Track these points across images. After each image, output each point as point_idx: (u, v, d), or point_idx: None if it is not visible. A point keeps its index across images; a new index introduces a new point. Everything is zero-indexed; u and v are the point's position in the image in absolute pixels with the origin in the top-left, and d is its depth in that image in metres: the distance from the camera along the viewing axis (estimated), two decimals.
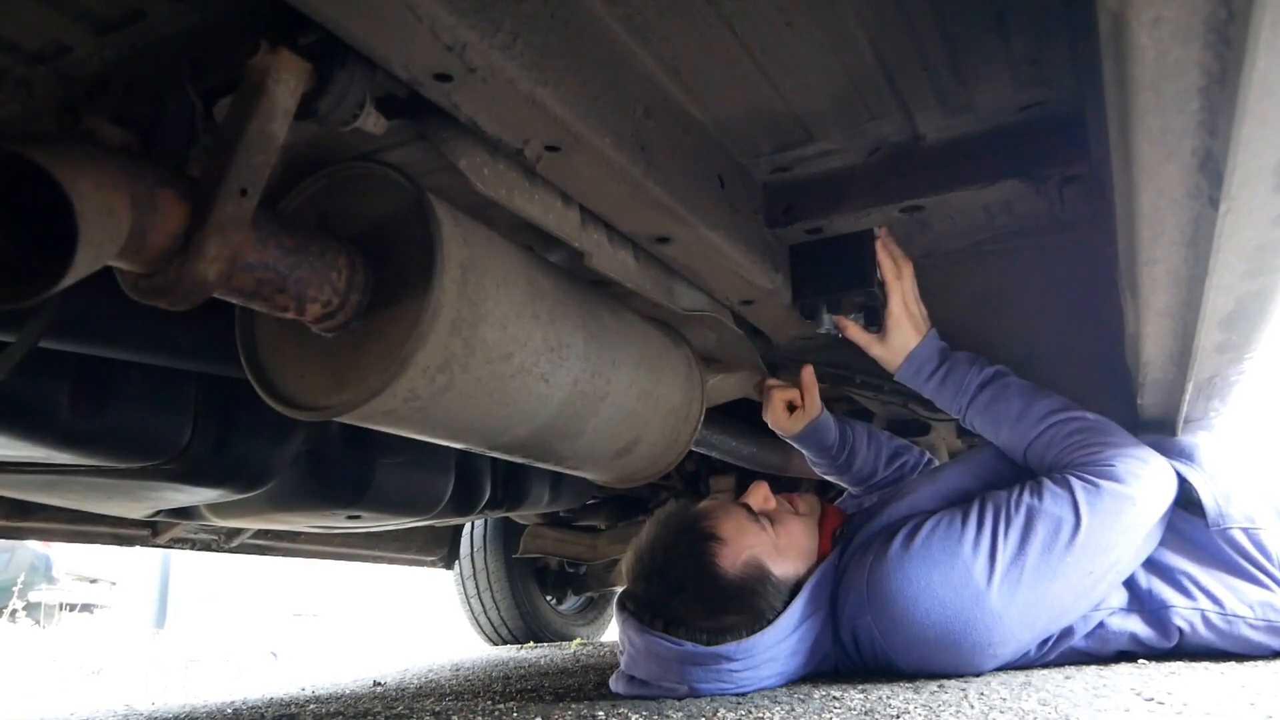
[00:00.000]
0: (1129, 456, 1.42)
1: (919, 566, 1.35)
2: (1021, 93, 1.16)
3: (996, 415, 1.55)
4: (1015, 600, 1.33)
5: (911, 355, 1.59)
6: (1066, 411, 1.51)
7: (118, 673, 3.70)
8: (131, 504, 1.67)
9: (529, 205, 1.04)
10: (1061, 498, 1.37)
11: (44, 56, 0.91)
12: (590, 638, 4.08)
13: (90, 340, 1.15)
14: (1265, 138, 0.71)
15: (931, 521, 1.41)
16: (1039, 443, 1.50)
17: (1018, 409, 1.53)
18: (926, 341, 1.59)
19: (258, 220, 0.84)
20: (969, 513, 1.41)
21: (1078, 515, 1.35)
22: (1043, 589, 1.34)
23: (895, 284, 1.54)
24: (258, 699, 2.16)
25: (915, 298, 1.58)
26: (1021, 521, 1.36)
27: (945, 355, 1.61)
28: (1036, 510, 1.37)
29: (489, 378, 1.03)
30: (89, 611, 9.27)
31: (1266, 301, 1.09)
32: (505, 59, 0.81)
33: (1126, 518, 1.38)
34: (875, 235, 1.50)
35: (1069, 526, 1.35)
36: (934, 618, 1.33)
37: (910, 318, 1.57)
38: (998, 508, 1.40)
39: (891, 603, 1.35)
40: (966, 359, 1.60)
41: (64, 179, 0.67)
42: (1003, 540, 1.35)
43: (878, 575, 1.37)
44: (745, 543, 1.41)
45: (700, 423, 1.48)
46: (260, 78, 0.78)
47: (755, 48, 1.04)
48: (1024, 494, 1.40)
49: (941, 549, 1.36)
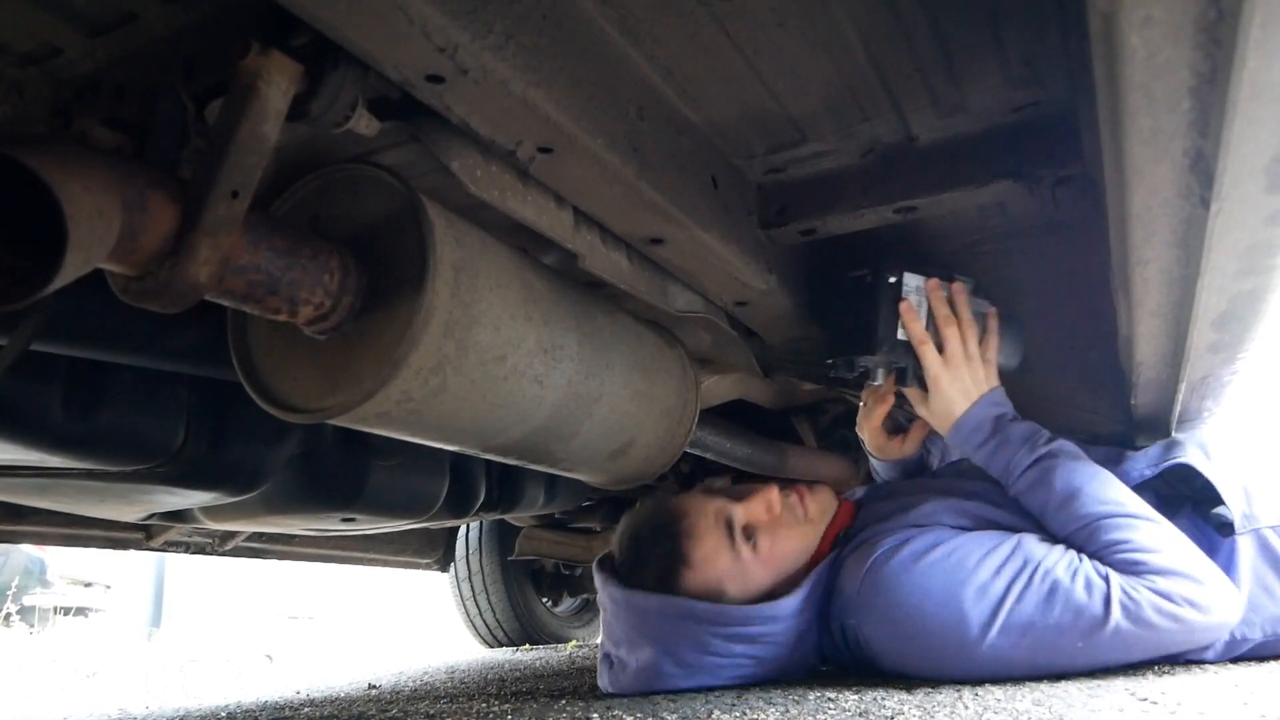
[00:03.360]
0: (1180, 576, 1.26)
1: (913, 591, 1.30)
2: (1015, 93, 1.16)
3: (1041, 501, 1.40)
4: (1006, 660, 1.27)
5: (957, 425, 1.47)
6: (1115, 508, 1.34)
7: (112, 676, 3.69)
8: (125, 507, 1.66)
9: (522, 207, 1.04)
10: (1095, 589, 1.25)
11: (35, 58, 0.91)
12: (586, 640, 4.08)
13: (82, 343, 1.14)
14: (1256, 138, 0.71)
15: (946, 546, 1.34)
16: (1078, 538, 1.35)
17: (1060, 498, 1.37)
18: (974, 410, 1.46)
19: (249, 222, 0.84)
20: (990, 552, 1.31)
21: (1106, 614, 1.23)
22: (1041, 662, 1.28)
23: (923, 347, 1.45)
24: (252, 702, 2.15)
25: (965, 356, 1.45)
26: (1044, 590, 1.26)
27: (998, 427, 1.45)
28: (1059, 589, 1.25)
29: (482, 380, 1.03)
30: (83, 615, 9.25)
31: (1258, 301, 1.10)
32: (497, 60, 0.80)
33: (1165, 638, 1.25)
34: (898, 289, 1.44)
35: (1089, 620, 1.24)
36: (917, 646, 1.32)
37: (955, 381, 1.46)
38: (1024, 563, 1.29)
39: (880, 614, 1.34)
40: (1020, 436, 1.44)
41: (54, 181, 0.67)
42: (1014, 600, 1.26)
43: (872, 583, 1.35)
44: (712, 573, 1.41)
45: (695, 424, 1.48)
46: (252, 79, 0.78)
47: (748, 49, 1.04)
48: (1057, 565, 1.28)
49: (944, 579, 1.29)
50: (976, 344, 1.48)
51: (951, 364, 1.46)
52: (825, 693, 1.29)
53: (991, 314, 1.52)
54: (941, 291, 1.48)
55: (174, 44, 0.88)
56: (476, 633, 3.85)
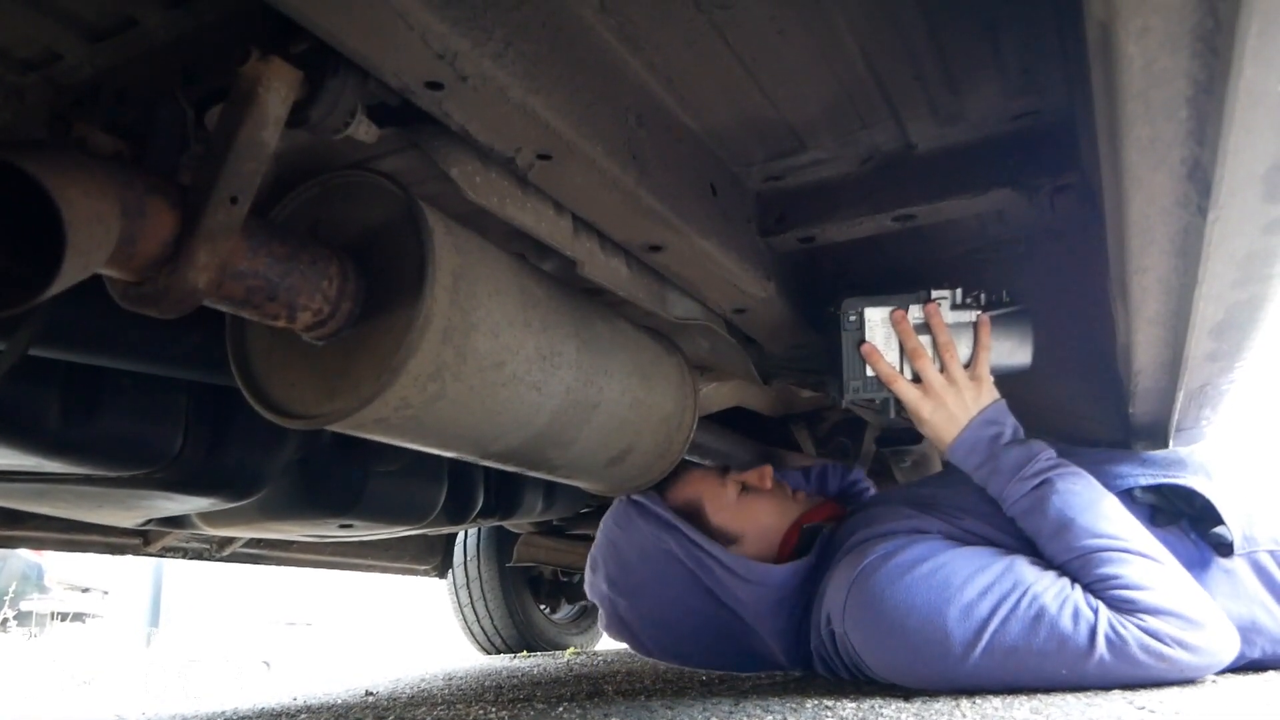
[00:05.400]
0: (1172, 616, 1.23)
1: (897, 605, 1.30)
2: (1013, 102, 1.17)
3: (1035, 528, 1.37)
4: (988, 681, 1.27)
5: (950, 451, 1.44)
6: (1108, 541, 1.30)
7: (109, 682, 3.68)
8: (123, 513, 1.66)
9: (521, 213, 1.04)
10: (1082, 620, 1.23)
11: (35, 64, 0.91)
12: (584, 647, 4.07)
13: (81, 348, 1.14)
14: (1253, 146, 0.71)
15: (936, 560, 1.33)
16: (1071, 568, 1.32)
17: (1053, 528, 1.34)
18: (965, 435, 1.42)
19: (248, 228, 0.84)
20: (980, 571, 1.30)
21: (1091, 647, 1.22)
22: (1025, 683, 1.26)
23: (895, 385, 1.43)
24: (249, 709, 2.15)
25: (945, 383, 1.42)
26: (1030, 615, 1.24)
27: (992, 451, 1.41)
28: (1046, 616, 1.24)
29: (481, 386, 1.03)
30: (81, 620, 9.23)
31: (1256, 310, 1.10)
32: (497, 67, 0.81)
33: (1151, 674, 1.23)
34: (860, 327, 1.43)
35: (1074, 651, 1.22)
36: (900, 658, 1.31)
37: (938, 410, 1.42)
38: (1013, 586, 1.27)
39: (866, 624, 1.34)
40: (1013, 463, 1.39)
41: (52, 186, 0.67)
42: (998, 622, 1.25)
43: (858, 591, 1.35)
44: (696, 488, 1.64)
45: (693, 431, 1.48)
46: (251, 85, 0.78)
47: (747, 56, 1.05)
48: (1046, 592, 1.26)
49: (929, 595, 1.29)
50: (959, 365, 1.44)
51: (931, 393, 1.43)
52: (823, 700, 1.29)
53: (983, 322, 1.45)
54: (908, 322, 1.44)
55: (174, 50, 0.88)
56: (474, 639, 3.84)
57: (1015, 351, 1.48)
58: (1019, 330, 1.48)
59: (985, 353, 1.45)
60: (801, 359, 1.71)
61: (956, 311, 1.46)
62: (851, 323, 1.46)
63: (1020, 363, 1.48)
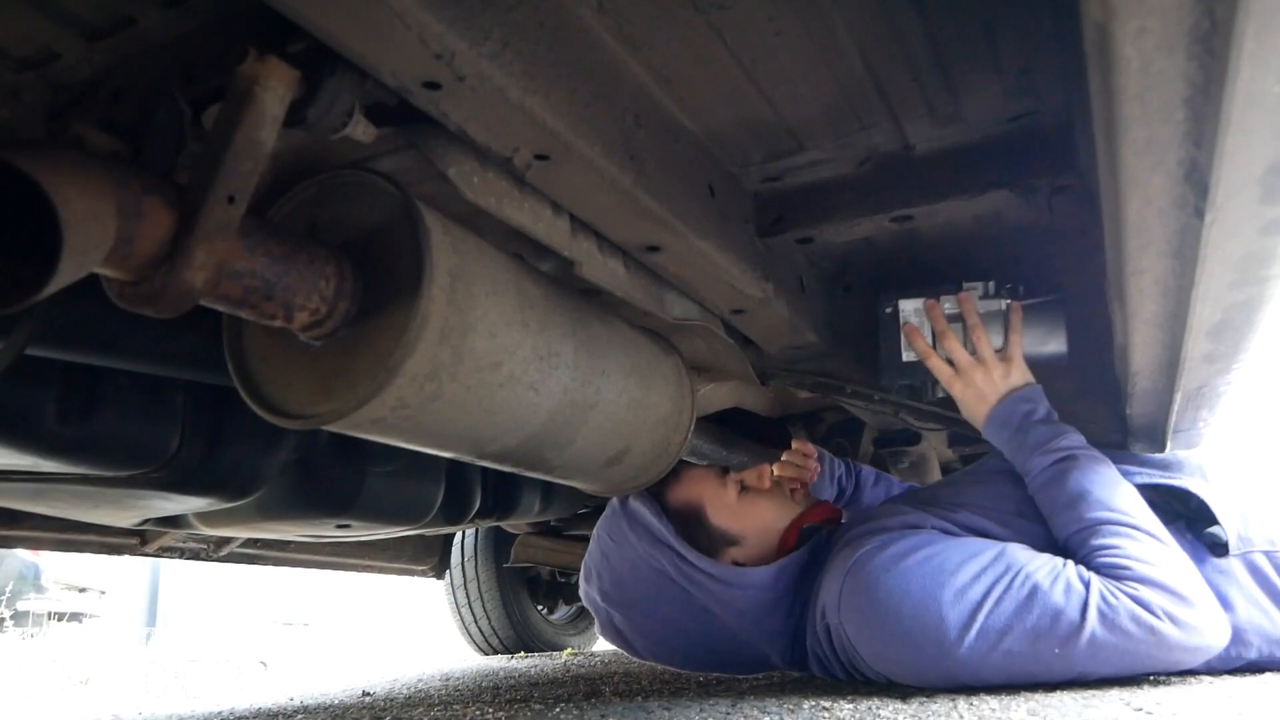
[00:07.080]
0: (1163, 590, 1.26)
1: (892, 592, 1.31)
2: (1011, 103, 1.17)
3: (1050, 501, 1.43)
4: (983, 665, 1.27)
5: (983, 427, 1.53)
6: (1118, 515, 1.35)
7: (106, 682, 3.67)
8: (119, 512, 1.66)
9: (518, 214, 1.04)
10: (1074, 593, 1.26)
11: (32, 63, 0.91)
12: (582, 647, 4.07)
13: (77, 347, 1.14)
14: (1250, 148, 0.71)
15: (929, 549, 1.35)
16: (1075, 539, 1.37)
17: (1067, 499, 1.39)
18: (996, 411, 1.50)
19: (245, 228, 0.84)
20: (972, 557, 1.32)
21: (1082, 619, 1.23)
22: (1017, 669, 1.27)
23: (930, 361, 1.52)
24: (246, 709, 2.15)
25: (974, 362, 1.49)
26: (1023, 594, 1.26)
27: (1022, 426, 1.48)
28: (1038, 592, 1.26)
29: (478, 386, 1.03)
30: (78, 620, 9.22)
31: (1253, 312, 1.10)
32: (494, 67, 0.80)
33: (1141, 650, 1.24)
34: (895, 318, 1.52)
35: (1066, 626, 1.24)
36: (896, 647, 1.32)
37: (968, 388, 1.51)
38: (1006, 569, 1.30)
39: (861, 615, 1.35)
40: (1039, 439, 1.47)
41: (49, 185, 0.67)
42: (992, 603, 1.26)
43: (853, 583, 1.36)
44: (696, 488, 1.61)
45: (691, 431, 1.48)
46: (249, 85, 0.78)
47: (745, 57, 1.05)
48: (1038, 570, 1.29)
49: (923, 581, 1.30)
50: (988, 346, 1.50)
51: (963, 372, 1.51)
52: (820, 701, 1.29)
53: (1014, 308, 1.51)
54: (938, 309, 1.52)
55: (171, 49, 0.88)
56: (471, 640, 3.84)
57: (1048, 339, 1.53)
58: (1051, 319, 1.53)
59: (1017, 335, 1.51)
60: (800, 359, 1.71)
61: (987, 301, 1.53)
62: (888, 314, 1.55)
63: (1055, 350, 1.53)
